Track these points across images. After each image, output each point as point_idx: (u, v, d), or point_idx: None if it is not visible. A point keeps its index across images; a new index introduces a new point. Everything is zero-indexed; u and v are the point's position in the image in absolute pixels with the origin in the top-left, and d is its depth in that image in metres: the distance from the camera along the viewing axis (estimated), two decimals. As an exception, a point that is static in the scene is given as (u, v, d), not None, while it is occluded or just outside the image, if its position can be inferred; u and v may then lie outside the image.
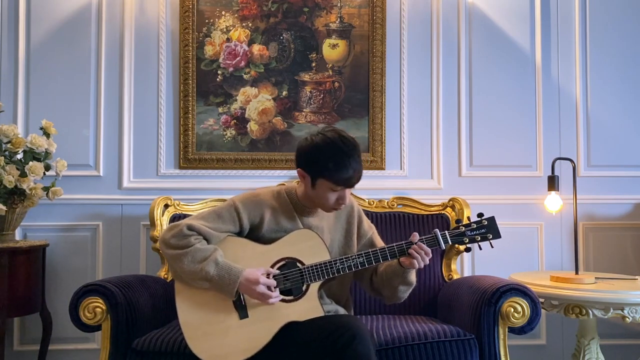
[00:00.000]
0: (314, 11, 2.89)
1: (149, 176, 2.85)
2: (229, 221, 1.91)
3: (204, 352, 1.80)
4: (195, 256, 1.81)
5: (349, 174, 1.81)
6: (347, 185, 1.84)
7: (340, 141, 1.83)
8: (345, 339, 1.64)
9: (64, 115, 2.81)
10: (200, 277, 1.80)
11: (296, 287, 1.86)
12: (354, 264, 1.87)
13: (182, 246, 1.83)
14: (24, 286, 2.52)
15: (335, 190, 1.85)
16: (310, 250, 1.88)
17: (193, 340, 1.82)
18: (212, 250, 1.83)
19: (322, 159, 1.82)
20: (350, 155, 1.82)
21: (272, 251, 1.90)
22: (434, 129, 2.93)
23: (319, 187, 1.86)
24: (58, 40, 2.84)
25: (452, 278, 2.54)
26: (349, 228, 2.06)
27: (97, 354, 2.46)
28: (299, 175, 1.91)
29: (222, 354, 1.79)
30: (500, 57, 2.95)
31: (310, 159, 1.86)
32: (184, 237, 1.84)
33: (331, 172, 1.81)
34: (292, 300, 1.85)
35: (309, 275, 1.85)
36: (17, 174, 2.47)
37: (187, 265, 1.81)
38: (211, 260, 1.80)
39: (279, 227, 1.95)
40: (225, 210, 1.92)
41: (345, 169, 1.81)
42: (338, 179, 1.81)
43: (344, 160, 1.81)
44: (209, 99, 2.86)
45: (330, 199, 1.87)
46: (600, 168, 2.97)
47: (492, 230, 1.90)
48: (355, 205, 2.10)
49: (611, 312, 2.22)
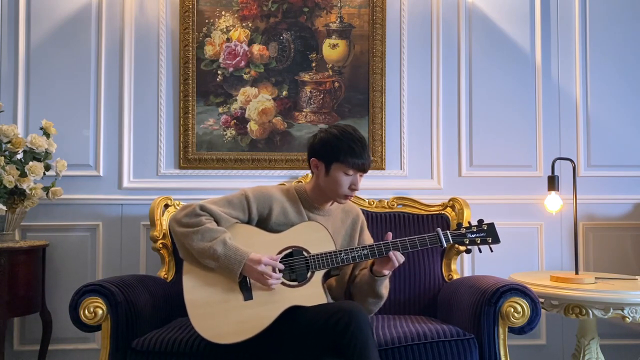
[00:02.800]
0: (314, 11, 2.89)
1: (149, 176, 2.85)
2: (238, 208, 1.98)
3: (206, 330, 1.83)
4: (205, 235, 1.87)
5: (363, 159, 1.96)
6: (359, 170, 1.97)
7: (353, 131, 2.00)
8: (345, 323, 1.67)
9: (64, 115, 2.81)
10: (208, 255, 1.86)
11: (301, 274, 1.90)
12: (358, 255, 1.92)
13: (193, 224, 1.89)
14: (24, 286, 2.53)
15: (349, 175, 1.96)
16: (316, 241, 1.94)
17: (196, 318, 1.85)
18: (221, 231, 1.89)
19: (338, 144, 1.95)
20: (362, 144, 1.97)
21: (279, 240, 1.96)
22: (434, 129, 2.93)
23: (333, 172, 1.97)
24: (58, 40, 2.84)
25: (452, 278, 2.54)
26: (352, 233, 2.13)
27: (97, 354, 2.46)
28: (312, 166, 2.02)
29: (223, 333, 1.81)
30: (500, 57, 2.95)
31: (326, 146, 1.98)
32: (195, 216, 1.90)
33: (346, 156, 1.94)
34: (297, 285, 1.89)
35: (314, 263, 1.91)
36: (17, 174, 2.47)
37: (196, 243, 1.87)
38: (220, 240, 1.86)
39: (286, 220, 2.01)
40: (236, 198, 2.00)
41: (359, 154, 1.95)
42: (352, 163, 1.94)
43: (358, 147, 1.95)
44: (209, 99, 2.86)
45: (344, 184, 1.97)
46: (600, 168, 2.96)
47: (492, 235, 1.96)
48: (361, 216, 2.19)
49: (611, 312, 2.22)
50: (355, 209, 2.18)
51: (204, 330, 1.83)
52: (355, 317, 1.68)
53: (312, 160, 2.02)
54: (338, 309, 1.72)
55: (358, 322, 1.67)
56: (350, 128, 2.01)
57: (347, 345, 1.66)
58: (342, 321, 1.67)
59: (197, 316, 1.85)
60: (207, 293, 1.87)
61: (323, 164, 1.99)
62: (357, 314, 1.69)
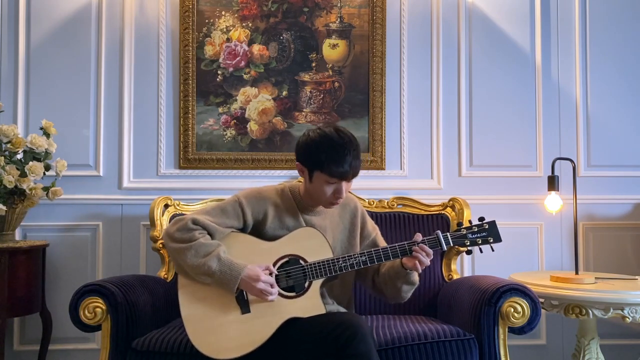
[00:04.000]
0: (314, 11, 2.89)
1: (149, 176, 2.85)
2: (233, 216, 1.92)
3: (206, 346, 1.80)
4: (198, 251, 1.82)
5: (344, 168, 1.83)
6: (342, 178, 1.85)
7: (337, 135, 1.85)
8: (347, 337, 1.65)
9: (64, 115, 2.81)
10: (203, 271, 1.81)
11: (298, 284, 1.87)
12: (357, 263, 1.88)
13: (186, 240, 1.84)
14: (24, 286, 2.52)
15: (331, 183, 1.86)
16: (313, 248, 1.90)
17: (195, 334, 1.83)
18: (215, 245, 1.84)
19: (317, 152, 1.84)
20: (345, 148, 1.83)
21: (275, 248, 1.91)
22: (434, 129, 2.93)
23: (315, 180, 1.88)
24: (58, 40, 2.84)
25: (452, 278, 2.54)
26: (352, 228, 2.08)
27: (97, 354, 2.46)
28: (298, 169, 1.95)
29: (223, 349, 1.79)
30: (500, 57, 2.95)
31: (307, 152, 1.88)
32: (188, 231, 1.85)
33: (325, 165, 1.82)
34: (294, 296, 1.86)
35: (311, 272, 1.86)
36: (17, 174, 2.47)
37: (190, 260, 1.82)
38: (214, 255, 1.81)
39: (282, 224, 1.96)
40: (230, 206, 1.94)
41: (340, 162, 1.82)
42: (333, 171, 1.83)
43: (339, 154, 1.82)
44: (209, 99, 2.86)
45: (326, 192, 1.88)
46: (600, 168, 2.96)
47: (493, 234, 1.92)
48: (359, 206, 2.12)
49: (611, 312, 2.22)
50: (352, 201, 2.11)
51: (203, 346, 1.80)
52: (358, 330, 1.66)
53: (297, 164, 1.94)
54: (340, 322, 1.69)
55: (362, 335, 1.65)
56: (335, 132, 1.86)
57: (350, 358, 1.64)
58: (344, 335, 1.65)
59: (195, 332, 1.82)
60: (204, 308, 1.84)
61: (306, 169, 1.90)
62: (359, 327, 1.67)
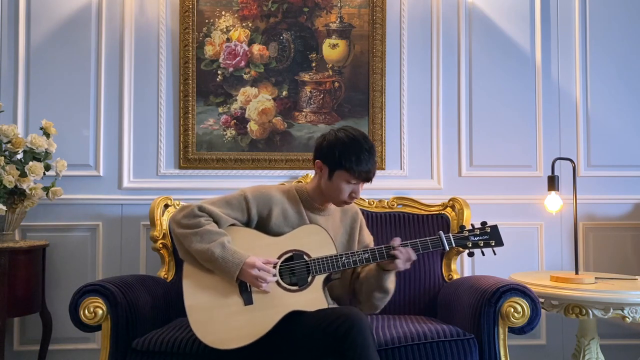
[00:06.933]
0: (314, 11, 2.89)
1: (149, 176, 2.85)
2: (237, 209, 1.96)
3: (207, 336, 1.82)
4: (204, 237, 1.86)
5: (368, 168, 1.92)
6: (364, 180, 1.94)
7: (363, 139, 1.95)
8: (345, 328, 1.66)
9: (64, 115, 2.81)
10: (206, 257, 1.84)
11: (301, 278, 1.89)
12: (359, 259, 1.91)
13: (192, 226, 1.88)
14: (24, 286, 2.52)
15: (351, 183, 1.93)
16: (317, 244, 1.93)
17: (197, 324, 1.84)
18: (221, 234, 1.88)
19: (345, 151, 1.91)
20: (370, 152, 1.93)
21: (279, 243, 1.94)
22: (434, 129, 2.93)
23: (336, 178, 1.94)
24: (58, 40, 2.84)
25: (452, 278, 2.54)
26: (351, 232, 2.12)
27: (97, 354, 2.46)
28: (316, 167, 1.99)
29: (224, 339, 1.81)
30: (500, 57, 2.95)
31: (333, 151, 1.93)
32: (194, 217, 1.89)
33: (352, 165, 1.90)
34: (297, 290, 1.88)
35: (314, 267, 1.89)
36: (17, 174, 2.47)
37: (194, 245, 1.86)
38: (219, 242, 1.85)
39: (286, 222, 1.99)
40: (235, 199, 1.98)
41: (365, 164, 1.91)
42: (358, 171, 1.91)
43: (365, 156, 1.91)
44: (209, 99, 2.86)
45: (344, 192, 1.94)
46: (600, 168, 2.96)
47: (495, 238, 1.95)
48: (359, 213, 2.18)
49: (611, 312, 2.22)
50: (353, 208, 2.17)
51: (205, 335, 1.81)
52: (356, 322, 1.67)
53: (317, 161, 1.99)
54: (339, 315, 1.70)
55: (359, 328, 1.66)
56: (361, 136, 1.95)
57: (348, 351, 1.64)
58: (343, 327, 1.66)
59: (198, 322, 1.84)
60: (207, 298, 1.86)
61: (327, 167, 1.95)
62: (358, 320, 1.68)
